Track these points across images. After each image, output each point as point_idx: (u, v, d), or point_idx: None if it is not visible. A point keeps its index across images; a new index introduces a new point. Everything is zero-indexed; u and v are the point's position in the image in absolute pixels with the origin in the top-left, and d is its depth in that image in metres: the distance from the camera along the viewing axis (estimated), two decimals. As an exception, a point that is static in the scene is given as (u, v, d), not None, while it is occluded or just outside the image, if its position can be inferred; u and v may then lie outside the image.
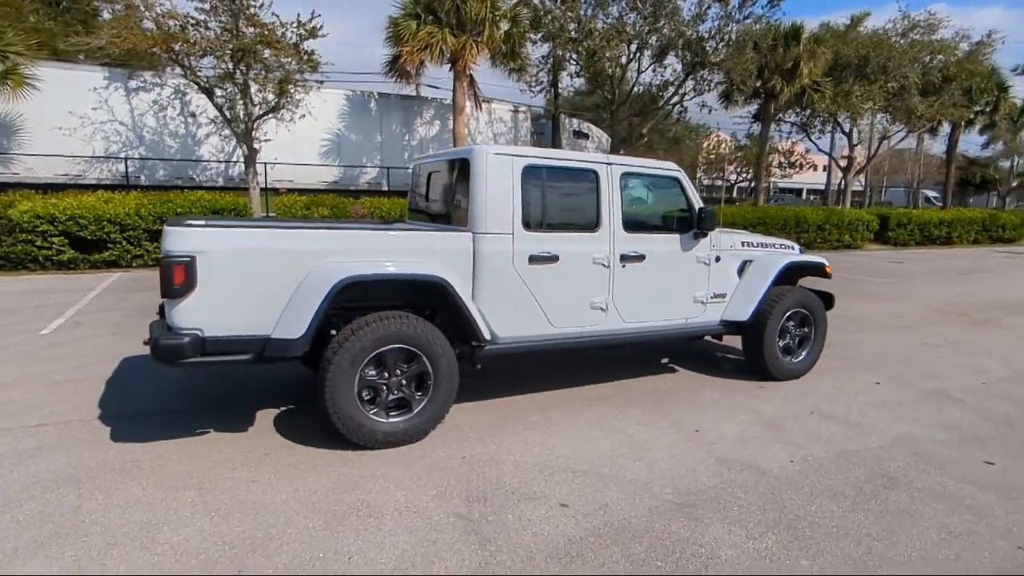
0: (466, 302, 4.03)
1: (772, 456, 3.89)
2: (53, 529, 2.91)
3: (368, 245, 3.91)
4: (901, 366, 6.06)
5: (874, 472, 3.69)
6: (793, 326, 5.47)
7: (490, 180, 4.18)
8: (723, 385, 5.34)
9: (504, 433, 4.18)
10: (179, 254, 3.38)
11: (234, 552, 2.76)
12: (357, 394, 3.76)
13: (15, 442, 3.87)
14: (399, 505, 3.20)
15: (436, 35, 14.79)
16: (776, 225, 18.00)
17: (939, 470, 3.74)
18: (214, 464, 3.63)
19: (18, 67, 13.74)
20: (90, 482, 3.37)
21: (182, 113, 16.76)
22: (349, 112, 17.94)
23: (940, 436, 4.29)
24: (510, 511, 3.16)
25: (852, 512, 3.22)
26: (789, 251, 5.68)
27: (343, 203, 15.04)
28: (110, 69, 16.15)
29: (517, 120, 19.75)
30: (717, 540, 2.93)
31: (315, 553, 2.76)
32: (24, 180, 15.57)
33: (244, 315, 3.55)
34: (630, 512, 3.17)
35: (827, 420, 4.54)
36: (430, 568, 2.67)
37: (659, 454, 3.89)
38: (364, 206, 15.06)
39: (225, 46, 13.56)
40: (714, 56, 16.47)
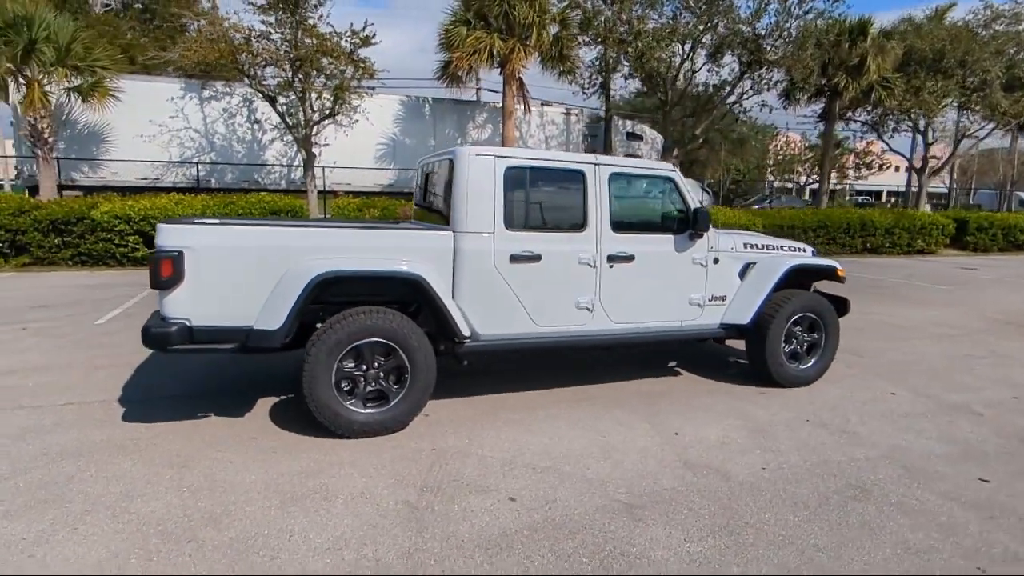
0: (443, 299, 4.14)
1: (745, 462, 3.79)
2: (44, 495, 3.23)
3: (349, 243, 4.10)
4: (928, 377, 5.70)
5: (849, 483, 3.53)
6: (801, 331, 5.26)
7: (471, 180, 4.29)
8: (722, 390, 5.21)
9: (482, 428, 4.27)
10: (168, 249, 3.67)
11: (190, 524, 2.98)
12: (335, 384, 3.95)
13: (40, 418, 4.30)
14: (355, 491, 3.35)
15: (484, 40, 15.03)
16: (839, 229, 17.17)
17: (923, 485, 3.54)
18: (203, 445, 3.91)
19: (103, 80, 15.00)
20: (89, 456, 3.71)
21: (249, 120, 17.78)
22: (404, 117, 18.49)
23: (940, 450, 4.04)
24: (458, 502, 3.25)
25: (807, 522, 3.10)
26: (798, 254, 5.47)
27: (394, 204, 15.51)
28: (186, 80, 17.35)
29: (569, 123, 19.73)
30: (652, 541, 2.91)
31: (260, 529, 2.95)
32: (110, 183, 16.97)
33: (228, 307, 3.81)
34: (575, 509, 3.19)
35: (820, 429, 4.36)
36: (360, 550, 2.80)
37: (628, 455, 3.87)
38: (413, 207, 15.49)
39: (285, 56, 14.31)
40: (772, 54, 15.89)
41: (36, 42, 13.79)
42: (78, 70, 14.39)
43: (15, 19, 13.74)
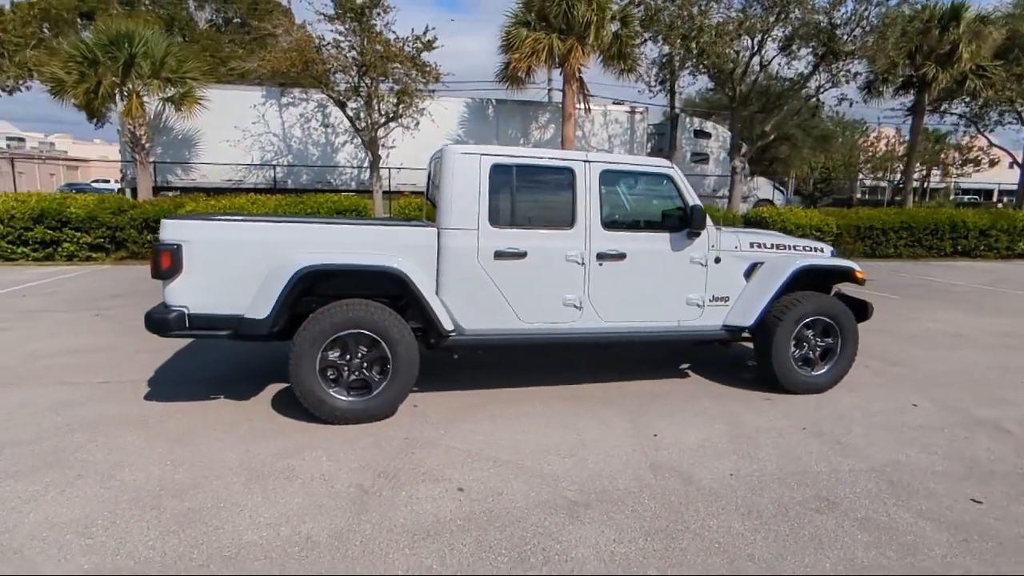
0: (424, 293, 4.26)
1: (715, 467, 3.66)
2: (51, 460, 3.63)
3: (336, 238, 4.32)
4: (965, 389, 5.23)
5: (818, 495, 3.34)
6: (813, 335, 4.99)
7: (457, 178, 4.39)
8: (726, 394, 5.02)
9: (462, 421, 4.36)
10: (167, 242, 4.01)
11: (160, 493, 3.26)
12: (319, 372, 4.16)
13: (75, 394, 4.80)
14: (317, 473, 3.53)
15: (542, 41, 15.08)
16: (926, 230, 15.89)
17: (902, 501, 3.29)
18: (203, 424, 4.23)
19: (193, 90, 16.32)
20: (101, 429, 4.11)
21: (322, 124, 18.74)
22: (468, 119, 18.87)
23: (942, 467, 3.72)
24: (408, 489, 3.36)
25: (752, 532, 2.98)
26: (810, 254, 5.17)
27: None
28: (267, 88, 18.53)
29: (633, 121, 19.40)
30: (579, 539, 2.89)
31: (217, 502, 3.18)
32: (199, 185, 18.42)
33: (223, 296, 4.10)
34: (518, 503, 3.22)
35: (814, 438, 4.13)
36: (297, 527, 2.96)
37: (595, 453, 3.83)
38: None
39: (352, 63, 14.99)
40: (848, 44, 14.94)
41: (135, 57, 15.18)
42: (170, 81, 15.71)
43: (118, 37, 15.19)
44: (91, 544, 2.78)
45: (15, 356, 5.84)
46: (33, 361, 5.68)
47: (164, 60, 15.59)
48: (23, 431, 4.04)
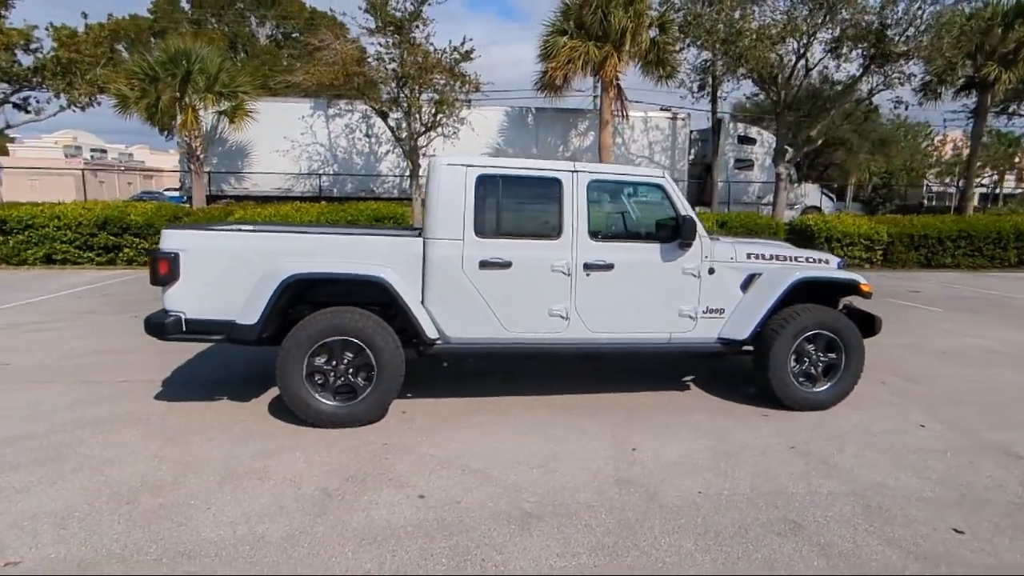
0: (406, 301, 4.34)
1: (685, 485, 3.58)
2: (53, 454, 3.89)
3: (325, 247, 4.45)
4: (984, 410, 4.91)
5: (785, 517, 3.22)
6: (814, 350, 4.80)
7: (442, 188, 4.46)
8: (722, 409, 4.89)
9: (444, 428, 4.41)
10: (166, 251, 4.24)
11: (140, 488, 3.44)
12: (306, 377, 4.30)
13: (94, 391, 5.11)
14: (289, 474, 3.65)
15: (578, 48, 15.06)
16: (987, 239, 14.97)
17: (874, 528, 3.12)
18: (200, 423, 4.44)
19: (243, 103, 17.10)
20: (106, 426, 4.37)
21: (367, 134, 19.26)
22: (508, 127, 19.01)
23: (931, 493, 3.51)
24: (370, 494, 3.43)
25: (702, 552, 2.90)
26: (812, 265, 4.98)
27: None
28: (315, 100, 19.19)
29: (675, 128, 19.07)
30: (522, 551, 2.89)
31: (189, 499, 3.33)
32: (251, 194, 19.24)
33: (217, 302, 4.30)
34: (473, 512, 3.24)
35: (801, 458, 3.97)
36: (254, 527, 3.07)
37: (566, 465, 3.81)
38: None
39: (392, 75, 15.36)
40: (900, 44, 14.27)
41: (191, 73, 16.04)
42: (223, 95, 16.51)
43: (176, 54, 16.09)
44: (63, 535, 2.97)
45: (53, 354, 6.27)
46: (67, 359, 6.08)
47: (218, 75, 16.41)
48: (37, 425, 4.34)
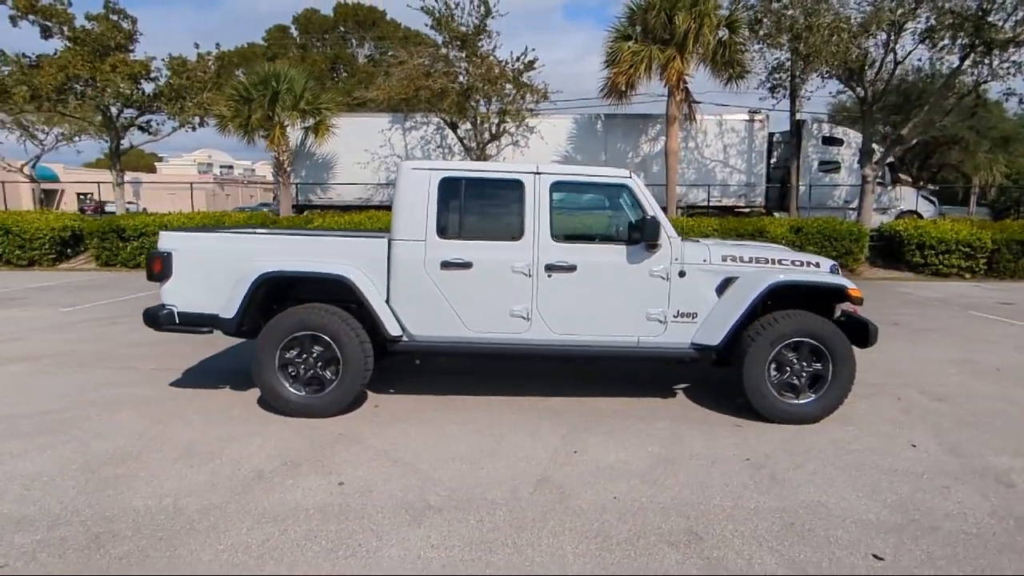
0: (369, 299, 4.53)
1: (604, 489, 3.48)
2: (56, 427, 4.41)
3: (298, 248, 4.74)
4: (998, 434, 4.36)
5: (689, 529, 3.05)
6: (796, 359, 4.47)
7: (406, 191, 4.63)
8: (694, 417, 4.67)
9: (403, 422, 4.55)
10: (160, 250, 4.70)
11: (107, 461, 3.84)
12: (279, 369, 4.60)
13: (125, 376, 5.72)
14: (238, 456, 3.92)
15: (641, 52, 14.78)
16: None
17: (783, 547, 2.89)
18: (189, 408, 4.85)
19: (326, 119, 18.28)
20: (114, 405, 4.89)
21: (440, 145, 19.93)
22: (577, 135, 18.96)
23: (875, 516, 3.19)
24: (297, 478, 3.62)
25: (578, 556, 2.82)
26: (797, 269, 4.63)
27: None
28: (393, 114, 20.14)
29: (752, 130, 18.14)
30: (400, 541, 2.95)
31: (139, 472, 3.67)
32: (335, 203, 20.46)
33: (204, 298, 4.69)
34: (377, 501, 3.33)
35: (750, 470, 3.73)
36: (177, 501, 3.35)
37: (497, 464, 3.82)
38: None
39: (454, 87, 15.86)
40: (1007, 31, 12.81)
41: (279, 93, 17.38)
42: (306, 112, 17.75)
43: (266, 76, 17.51)
44: (23, 494, 3.39)
45: (113, 344, 7.06)
46: (122, 348, 6.83)
47: (303, 94, 17.66)
48: (59, 403, 4.94)
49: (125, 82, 18.46)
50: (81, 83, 18.36)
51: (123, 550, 2.85)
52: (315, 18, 39.29)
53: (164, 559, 2.78)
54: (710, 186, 18.32)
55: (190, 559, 2.78)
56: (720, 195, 18.49)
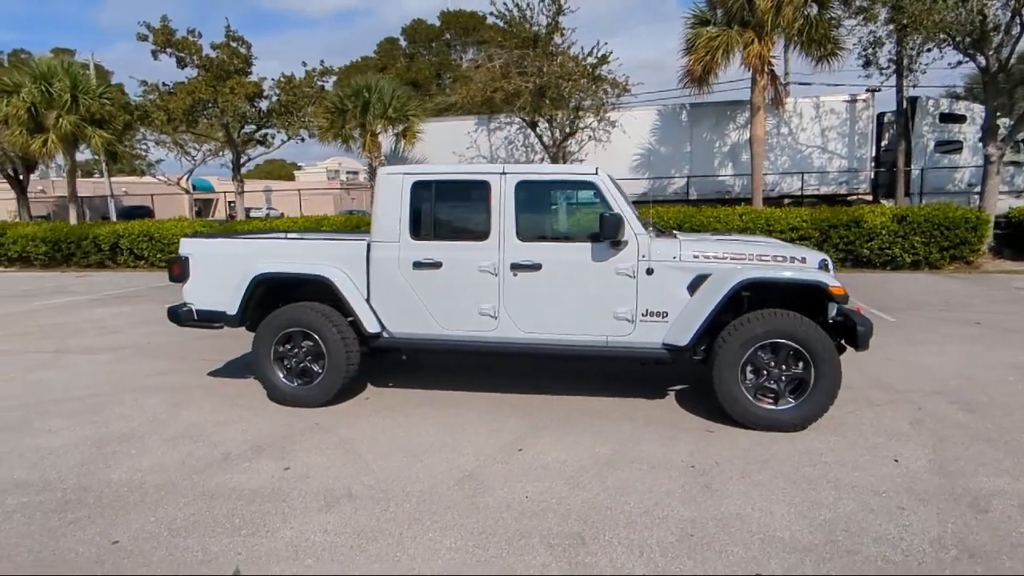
0: (347, 298, 4.81)
1: (521, 489, 3.48)
2: (96, 408, 5.09)
3: (291, 251, 5.13)
4: (1006, 451, 3.78)
5: (576, 532, 3.00)
6: (774, 362, 4.16)
7: (382, 195, 4.85)
8: (666, 421, 4.49)
9: (379, 414, 4.79)
10: (180, 255, 5.28)
11: (117, 438, 4.40)
12: (274, 361, 5.02)
13: (175, 365, 6.46)
14: (218, 440, 4.33)
15: (719, 37, 14.04)
16: None
17: (664, 558, 2.76)
18: (207, 396, 5.40)
19: (414, 125, 19.16)
20: (149, 391, 5.56)
21: (523, 145, 20.16)
22: (660, 126, 18.37)
23: (790, 533, 2.93)
24: (252, 461, 3.95)
25: (448, 549, 2.88)
26: (780, 265, 4.27)
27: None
28: (478, 117, 20.66)
29: (854, 111, 16.53)
30: (294, 524, 3.16)
31: (132, 449, 4.20)
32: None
33: (215, 296, 5.20)
34: (306, 486, 3.57)
35: (687, 478, 3.55)
36: (144, 476, 3.79)
37: (437, 459, 3.93)
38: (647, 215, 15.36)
39: (527, 87, 15.99)
40: None
41: (369, 102, 18.48)
42: (393, 120, 18.70)
43: (358, 88, 18.67)
44: (36, 464, 4.00)
45: (186, 337, 7.86)
46: (190, 341, 7.65)
47: (391, 103, 18.64)
48: (111, 388, 5.70)
49: (241, 102, 20.48)
50: (206, 105, 20.64)
51: (77, 515, 3.30)
52: (422, 28, 41.06)
53: (101, 525, 3.19)
54: (803, 174, 16.99)
55: (121, 527, 3.17)
56: (818, 183, 17.09)
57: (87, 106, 18.81)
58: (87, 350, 7.34)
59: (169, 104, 20.18)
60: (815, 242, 13.69)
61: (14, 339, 8.04)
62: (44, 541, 3.04)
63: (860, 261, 13.71)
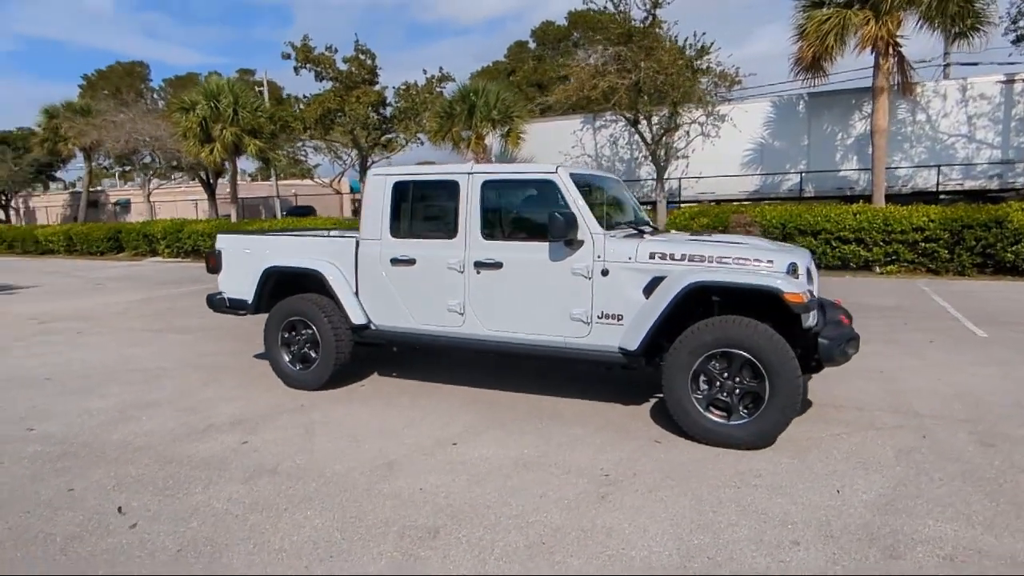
0: (336, 291, 5.16)
1: (423, 480, 3.56)
2: (149, 380, 5.91)
3: (293, 247, 5.59)
4: (986, 494, 3.15)
5: (434, 528, 3.02)
6: (727, 373, 3.83)
7: (369, 195, 5.14)
8: (622, 426, 4.31)
9: (362, 401, 5.09)
10: (215, 249, 5.97)
11: (140, 404, 5.11)
12: (281, 347, 5.52)
13: (229, 347, 7.27)
14: (214, 412, 4.86)
15: (830, 19, 12.74)
16: None
17: (500, 555, 2.71)
18: (239, 375, 6.05)
19: (517, 126, 19.53)
20: (196, 369, 6.32)
21: (628, 142, 19.73)
22: (775, 119, 17.07)
23: (649, 556, 2.74)
24: (224, 433, 4.40)
25: (307, 529, 3.05)
26: (733, 268, 3.88)
27: (726, 211, 14.84)
28: (584, 115, 20.54)
29: (1010, 93, 14.10)
30: (207, 489, 3.50)
31: (144, 415, 4.85)
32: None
33: (241, 287, 5.83)
34: (246, 459, 3.92)
35: (588, 485, 3.42)
36: (140, 437, 4.38)
37: (374, 445, 4.12)
38: (751, 214, 14.44)
39: (622, 84, 15.63)
40: None
41: (475, 105, 19.14)
42: (497, 121, 19.19)
43: (465, 92, 19.42)
44: (70, 422, 4.75)
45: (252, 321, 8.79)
46: (257, 325, 8.41)
47: (496, 105, 19.16)
48: (169, 363, 6.57)
49: (365, 109, 22.16)
50: (335, 114, 22.59)
51: (63, 465, 3.92)
52: (551, 29, 41.46)
53: (72, 475, 3.76)
54: (940, 166, 14.87)
55: (84, 479, 3.70)
56: (962, 176, 14.89)
57: (245, 119, 21.50)
58: (181, 330, 8.46)
59: (304, 114, 22.36)
60: (944, 245, 12.04)
61: (133, 319, 9.48)
62: (22, 482, 3.67)
63: (1002, 267, 11.83)
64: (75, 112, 31.15)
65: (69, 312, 10.21)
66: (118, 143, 27.94)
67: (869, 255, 12.83)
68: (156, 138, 27.28)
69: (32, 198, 44.60)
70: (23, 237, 25.99)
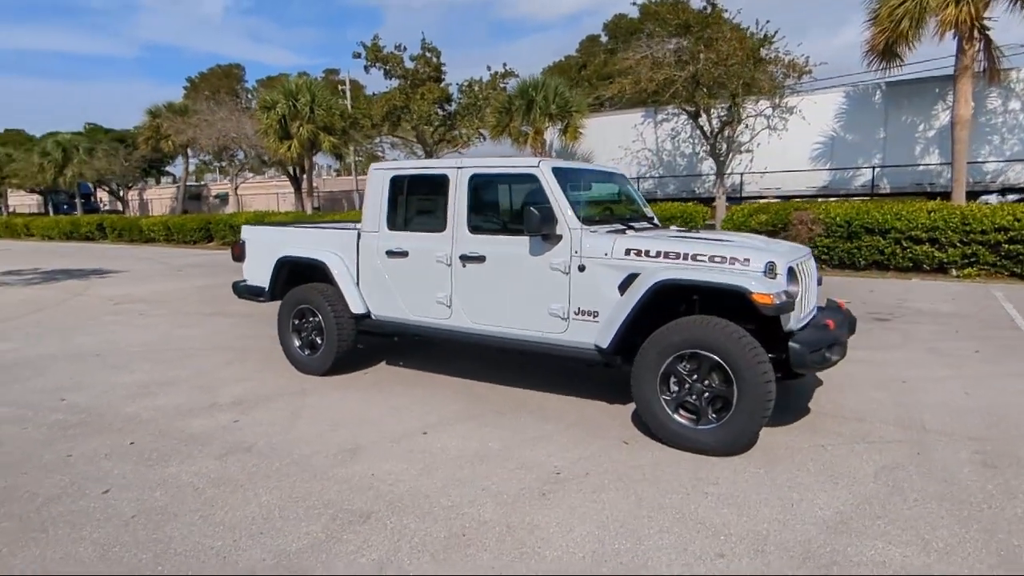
0: (339, 281, 5.34)
1: (378, 467, 3.66)
2: (175, 360, 6.35)
3: (307, 238, 5.82)
4: (959, 521, 2.86)
5: (368, 512, 3.10)
6: (696, 375, 3.68)
7: (370, 189, 5.28)
8: (598, 425, 4.23)
9: (358, 388, 5.25)
10: (240, 239, 6.32)
11: (164, 383, 5.50)
12: (292, 333, 5.79)
13: (267, 330, 7.68)
14: (222, 392, 5.17)
15: (905, 3, 11.80)
16: None
17: (416, 545, 2.75)
18: (259, 357, 6.37)
19: (575, 120, 19.35)
20: (226, 350, 6.72)
21: (690, 137, 19.11)
22: (848, 110, 16.03)
23: (562, 556, 2.69)
24: (222, 412, 4.68)
25: (253, 506, 3.19)
26: (705, 266, 3.69)
27: (787, 208, 14.09)
28: (645, 109, 20.09)
29: (1123, 77, 12.54)
30: (183, 462, 3.74)
31: (158, 392, 5.22)
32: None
33: (259, 274, 6.15)
34: (229, 436, 4.15)
35: (535, 483, 3.39)
36: (145, 411, 4.73)
37: (351, 431, 4.25)
38: (815, 212, 13.66)
39: (679, 76, 15.16)
40: None
41: (533, 100, 19.13)
42: (554, 116, 19.08)
43: (523, 88, 19.44)
44: (100, 392, 5.19)
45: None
46: None
47: (554, 99, 19.06)
48: (201, 344, 7.03)
49: (429, 106, 22.59)
50: (401, 111, 23.17)
51: (74, 432, 4.29)
52: (623, 22, 40.69)
53: (76, 442, 4.11)
54: (1033, 162, 13.49)
55: (85, 446, 4.04)
56: (1060, 174, 13.45)
57: (320, 116, 22.52)
58: (230, 315, 8.97)
59: (371, 111, 23.10)
60: (1028, 247, 10.94)
61: (192, 303, 10.16)
62: (34, 446, 4.05)
63: (1102, 274, 10.63)
64: (174, 112, 33.67)
65: (143, 295, 11.06)
66: (211, 140, 29.93)
67: (944, 256, 11.83)
68: (244, 135, 29.00)
69: (146, 191, 48.54)
70: (130, 227, 28.28)
